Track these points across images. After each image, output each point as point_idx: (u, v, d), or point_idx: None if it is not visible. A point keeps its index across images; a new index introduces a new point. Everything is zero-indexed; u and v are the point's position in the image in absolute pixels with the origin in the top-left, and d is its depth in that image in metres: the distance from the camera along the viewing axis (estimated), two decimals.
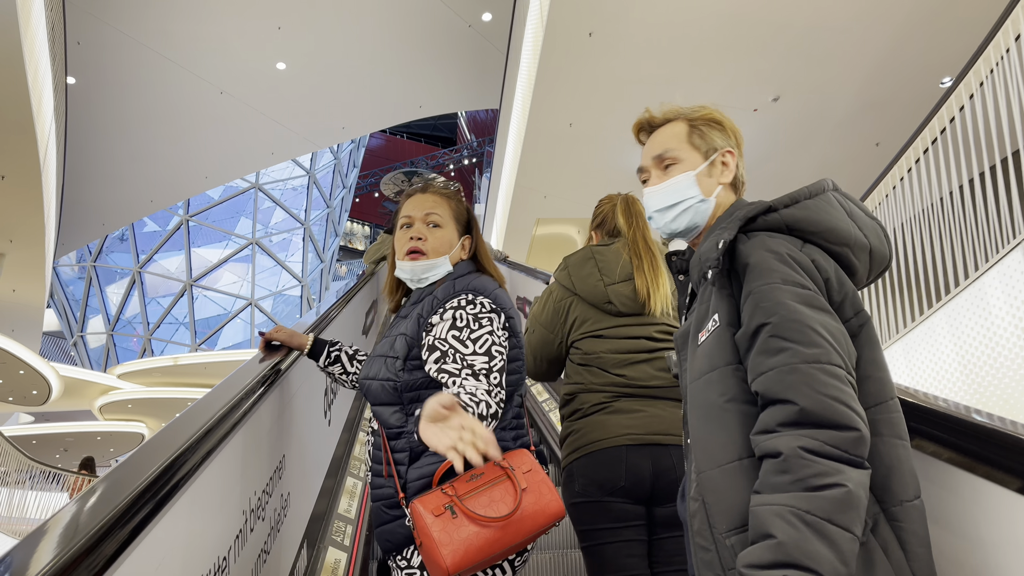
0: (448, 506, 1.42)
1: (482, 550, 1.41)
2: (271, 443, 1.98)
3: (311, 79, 16.63)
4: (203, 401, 1.50)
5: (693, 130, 1.42)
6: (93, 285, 26.56)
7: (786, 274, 1.15)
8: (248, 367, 1.87)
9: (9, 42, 8.27)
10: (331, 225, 30.00)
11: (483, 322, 1.59)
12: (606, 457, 1.88)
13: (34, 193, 11.03)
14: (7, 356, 11.89)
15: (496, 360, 1.54)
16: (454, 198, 1.86)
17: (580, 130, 10.78)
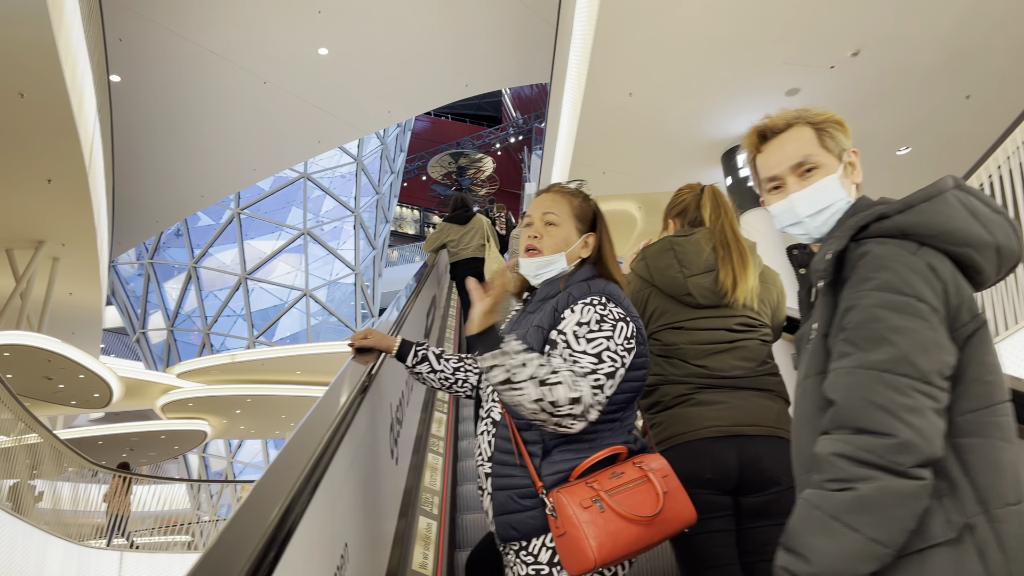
0: (595, 500, 1.48)
1: (628, 546, 1.47)
2: (370, 442, 2.10)
3: (354, 63, 16.21)
4: (314, 418, 1.57)
5: (822, 133, 1.42)
6: (151, 282, 26.85)
7: (883, 281, 1.18)
8: (349, 374, 1.94)
9: (42, 41, 7.97)
10: (381, 211, 29.74)
11: (605, 327, 1.61)
12: (691, 450, 1.89)
13: (82, 195, 10.85)
14: (67, 361, 11.84)
15: (604, 365, 1.57)
16: (577, 196, 1.87)
17: (641, 100, 10.09)
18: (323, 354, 15.98)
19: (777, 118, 1.46)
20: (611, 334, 1.60)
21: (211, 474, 27.19)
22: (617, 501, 1.49)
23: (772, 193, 1.44)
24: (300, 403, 16.74)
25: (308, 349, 16.09)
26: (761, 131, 1.46)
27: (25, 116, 9.20)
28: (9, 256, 12.03)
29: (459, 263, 6.85)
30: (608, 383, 1.56)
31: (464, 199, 7.43)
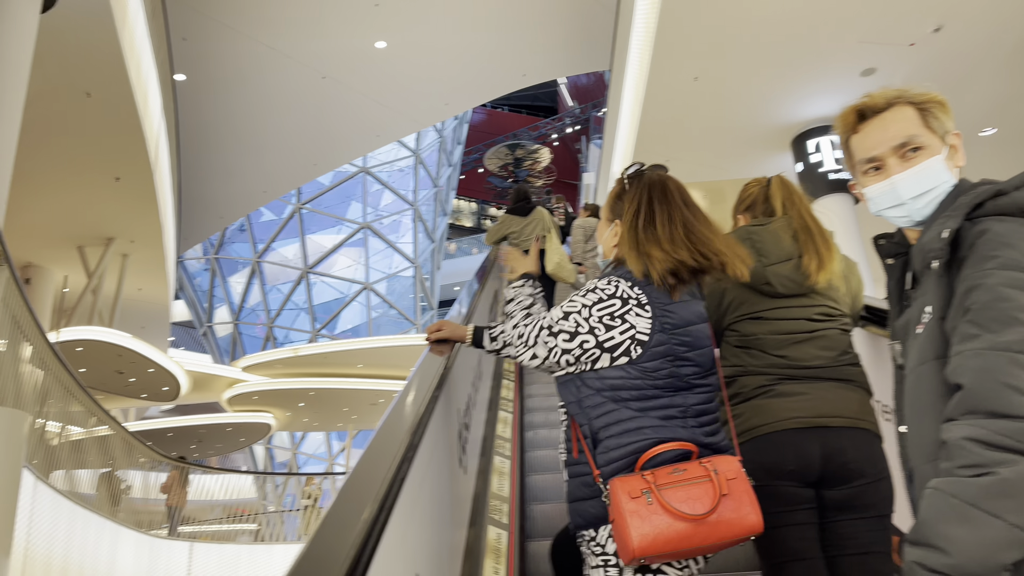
0: (645, 491, 1.49)
1: (671, 542, 1.46)
2: (445, 438, 2.08)
3: (411, 55, 16.16)
4: (395, 412, 1.58)
5: (925, 114, 1.37)
6: (217, 276, 27.47)
7: (1006, 259, 1.14)
8: (426, 367, 1.96)
9: (107, 41, 8.06)
10: (439, 204, 29.80)
11: (588, 296, 1.69)
12: (772, 441, 1.86)
13: (148, 192, 11.03)
14: (136, 356, 12.11)
15: (565, 323, 1.67)
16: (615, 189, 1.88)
17: (707, 84, 9.73)
18: (384, 347, 16.05)
19: (877, 96, 1.41)
20: (591, 304, 1.67)
21: (276, 465, 27.75)
22: (667, 496, 1.49)
23: (869, 175, 1.41)
24: (362, 396, 16.86)
25: (369, 343, 16.19)
26: (860, 110, 1.42)
27: (93, 115, 9.35)
28: (81, 253, 12.34)
29: None
30: (564, 336, 1.66)
31: (525, 191, 7.38)
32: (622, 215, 1.79)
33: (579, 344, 1.65)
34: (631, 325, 1.64)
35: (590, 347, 1.64)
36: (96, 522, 8.93)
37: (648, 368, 1.63)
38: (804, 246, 2.04)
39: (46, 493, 7.05)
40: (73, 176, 10.59)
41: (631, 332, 1.64)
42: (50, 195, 11.04)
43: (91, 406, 8.44)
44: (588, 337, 1.65)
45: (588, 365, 1.67)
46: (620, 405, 1.62)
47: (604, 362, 1.65)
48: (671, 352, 1.65)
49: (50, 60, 8.36)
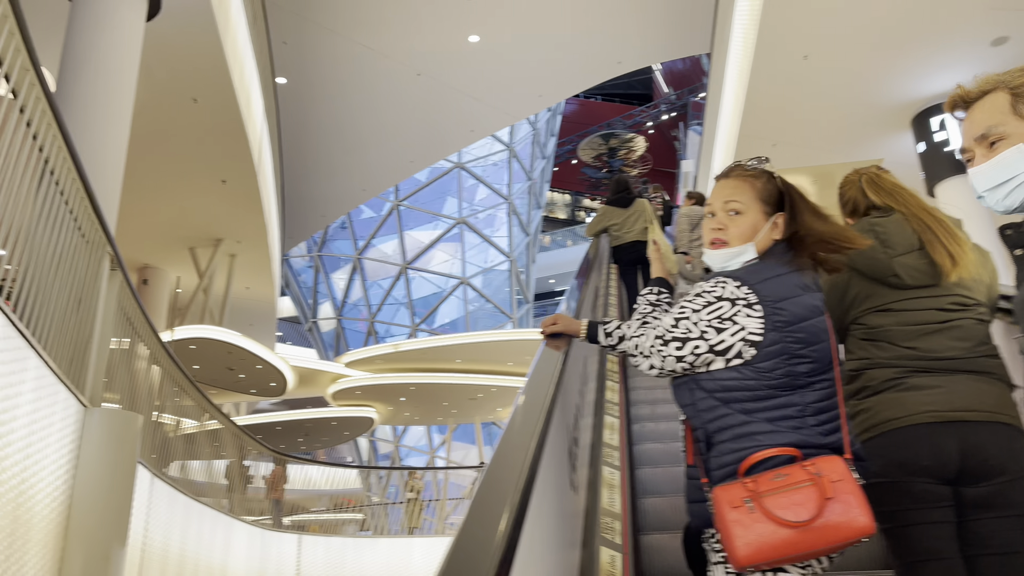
0: (747, 500, 1.47)
1: (777, 549, 1.44)
2: (561, 447, 2.05)
3: (504, 48, 16.05)
4: (525, 409, 1.57)
5: (1017, 99, 1.33)
6: (320, 273, 28.27)
7: None
8: (545, 363, 1.93)
9: (210, 48, 8.25)
10: (533, 197, 29.68)
11: (697, 300, 1.65)
12: (905, 436, 1.78)
13: (253, 194, 11.32)
14: (245, 353, 12.51)
15: (676, 330, 1.64)
16: (760, 177, 1.78)
17: (818, 62, 9.14)
18: (480, 343, 16.08)
19: (973, 85, 1.40)
20: (699, 308, 1.64)
21: (379, 456, 28.38)
22: (770, 503, 1.46)
23: (969, 165, 1.41)
24: (461, 391, 16.98)
25: (466, 338, 16.26)
26: (953, 102, 1.43)
27: (199, 120, 9.63)
28: (192, 254, 12.83)
29: (622, 247, 6.64)
30: (675, 344, 1.63)
31: (625, 181, 7.15)
32: (781, 207, 1.75)
33: (691, 350, 1.62)
34: (741, 326, 1.60)
35: (702, 352, 1.61)
36: (210, 515, 9.23)
37: (763, 368, 1.59)
38: (928, 245, 1.95)
39: (162, 488, 7.28)
40: (183, 180, 10.97)
41: (742, 333, 1.60)
42: (163, 199, 11.49)
43: (202, 402, 8.70)
44: (699, 342, 1.62)
45: (703, 368, 1.63)
46: (733, 409, 1.59)
47: (718, 364, 1.61)
48: (786, 351, 1.59)
49: (159, 68, 8.64)
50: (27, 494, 3.81)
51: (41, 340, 3.97)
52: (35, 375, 3.81)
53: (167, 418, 8.04)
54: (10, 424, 3.48)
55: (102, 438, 4.82)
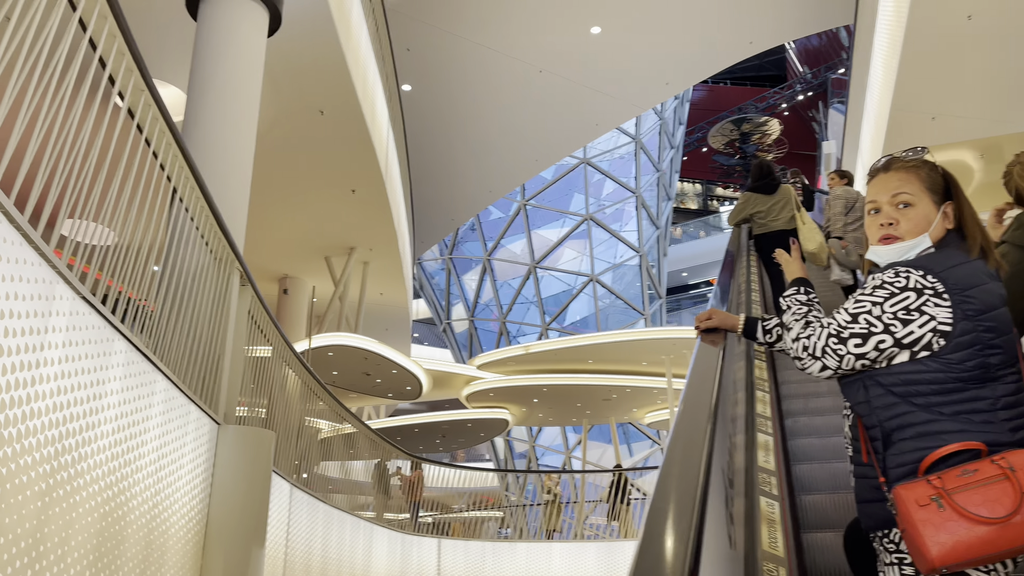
0: (934, 498, 1.41)
1: (973, 548, 1.37)
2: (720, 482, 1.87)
3: (627, 37, 15.53)
4: (687, 411, 1.58)
5: None
6: (452, 275, 28.68)
7: None
8: (705, 360, 1.90)
9: (333, 59, 8.30)
10: (662, 188, 28.78)
11: (878, 293, 1.59)
12: None
13: (382, 202, 11.43)
14: (380, 358, 12.70)
15: (855, 326, 1.58)
16: (923, 166, 1.72)
17: (984, 22, 8.12)
18: (612, 342, 15.65)
19: None
20: (881, 301, 1.57)
21: (515, 455, 28.45)
22: (961, 500, 1.39)
23: None
24: (594, 392, 16.61)
25: (597, 338, 15.87)
26: None
27: (327, 132, 9.77)
28: (328, 263, 13.15)
29: (767, 236, 6.24)
30: (855, 341, 1.57)
31: (769, 166, 6.66)
32: (949, 196, 1.70)
33: (874, 346, 1.56)
34: (930, 316, 1.53)
35: (887, 346, 1.55)
36: (350, 521, 9.34)
37: (952, 360, 1.51)
38: None
39: (301, 498, 7.37)
40: (315, 191, 11.22)
41: (931, 324, 1.53)
42: (298, 210, 11.81)
43: (338, 409, 8.80)
44: (884, 336, 1.55)
45: (884, 363, 1.57)
46: (915, 405, 1.52)
47: (903, 358, 1.55)
48: (978, 340, 1.52)
49: (286, 82, 8.80)
50: (161, 516, 3.81)
51: (171, 362, 3.98)
52: (163, 397, 3.79)
53: (305, 427, 8.16)
54: (139, 450, 3.46)
55: (236, 455, 4.83)
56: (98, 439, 3.03)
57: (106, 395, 3.11)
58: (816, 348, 1.62)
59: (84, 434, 2.92)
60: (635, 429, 26.08)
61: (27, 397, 2.47)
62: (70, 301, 2.75)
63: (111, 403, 3.15)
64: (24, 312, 2.42)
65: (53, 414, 2.66)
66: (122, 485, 3.30)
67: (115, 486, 3.22)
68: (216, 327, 4.95)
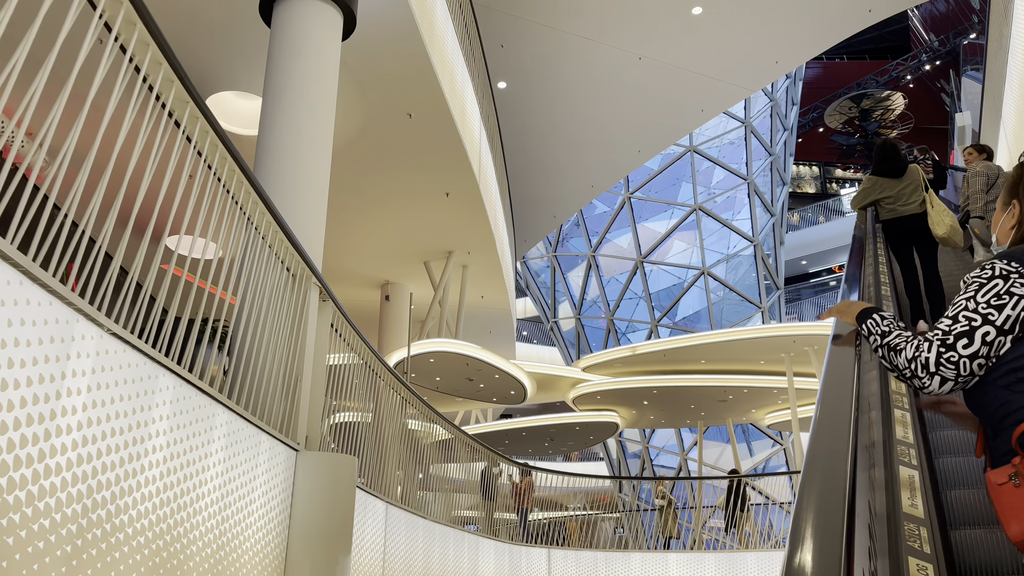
0: (1012, 475, 1.43)
1: None
2: None
3: (732, 15, 14.61)
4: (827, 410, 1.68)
5: None
6: (557, 273, 28.24)
7: None
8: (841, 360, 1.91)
9: (417, 60, 8.00)
10: (776, 173, 27.27)
11: (970, 288, 1.61)
12: None
13: (476, 203, 11.13)
14: (482, 364, 12.43)
15: (957, 325, 1.57)
16: None
17: None
18: (724, 341, 14.75)
19: None
20: (973, 294, 1.59)
21: (628, 455, 27.71)
22: None
23: None
24: (708, 392, 15.75)
25: (708, 337, 15.00)
26: None
27: (417, 135, 9.53)
28: (427, 268, 12.98)
29: (896, 221, 5.81)
30: (962, 342, 1.54)
31: (894, 146, 6.07)
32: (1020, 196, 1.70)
33: (981, 338, 1.53)
34: (1020, 296, 1.54)
35: (992, 337, 1.53)
36: (454, 535, 9.06)
37: None
38: None
39: (399, 516, 7.12)
40: (409, 196, 11.03)
41: (1023, 303, 1.52)
42: (393, 216, 11.68)
43: (435, 418, 8.54)
44: (986, 328, 1.54)
45: (995, 359, 1.54)
46: (1016, 392, 1.49)
47: (1007, 346, 1.53)
48: None
49: (371, 86, 8.59)
50: (229, 559, 3.55)
51: (239, 391, 3.72)
52: (225, 431, 3.52)
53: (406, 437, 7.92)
54: (195, 492, 3.19)
55: (316, 482, 4.56)
56: (140, 488, 2.76)
57: (149, 438, 2.84)
58: (930, 363, 1.58)
59: (121, 484, 2.65)
60: (755, 428, 24.82)
61: (40, 454, 2.19)
62: (95, 340, 2.47)
63: (156, 445, 2.89)
64: (33, 358, 2.14)
65: (77, 468, 2.38)
66: (176, 533, 3.04)
67: (166, 535, 2.95)
68: (294, 349, 4.71)
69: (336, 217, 11.80)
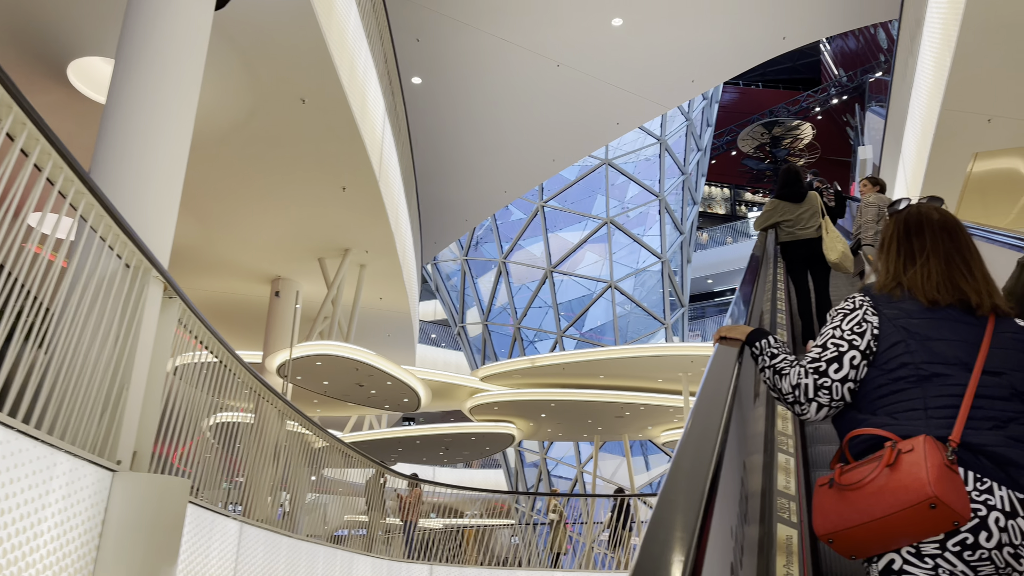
0: (831, 480, 1.56)
1: (842, 516, 1.49)
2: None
3: (652, 31, 14.52)
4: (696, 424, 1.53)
5: None
6: (468, 277, 27.77)
7: None
8: (720, 370, 1.91)
9: (312, 41, 7.42)
10: (688, 192, 27.60)
11: (835, 319, 1.75)
12: None
13: (376, 201, 10.55)
14: (373, 369, 11.81)
15: (826, 352, 1.68)
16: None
17: None
18: (624, 358, 14.60)
19: None
20: (839, 323, 1.72)
21: (526, 464, 27.46)
22: (843, 478, 1.52)
23: None
24: (606, 408, 15.56)
25: (608, 353, 14.84)
26: None
27: (311, 123, 8.94)
28: (322, 265, 12.30)
29: (793, 244, 6.08)
30: (832, 367, 1.66)
31: (797, 172, 6.34)
32: (882, 249, 1.88)
33: (848, 362, 1.66)
34: (870, 323, 1.69)
35: (858, 361, 1.66)
36: (323, 553, 8.47)
37: (883, 360, 1.64)
38: None
39: (255, 536, 6.50)
40: (303, 187, 10.38)
41: (871, 330, 1.68)
42: (286, 208, 11.00)
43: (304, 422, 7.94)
44: (852, 352, 1.67)
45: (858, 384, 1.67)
46: (866, 413, 1.62)
47: (864, 372, 1.67)
48: (901, 339, 1.65)
49: (261, 66, 7.96)
50: None
51: (25, 407, 3.10)
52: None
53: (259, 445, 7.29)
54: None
55: (137, 508, 3.94)
56: None
57: None
58: (809, 389, 1.68)
59: None
60: (653, 444, 24.97)
61: None
62: None
63: None
64: None
65: None
66: None
67: None
68: (121, 352, 4.08)
69: (223, 205, 11.01)
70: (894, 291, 1.73)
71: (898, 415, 1.56)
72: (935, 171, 9.89)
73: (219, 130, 8.98)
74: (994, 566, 1.41)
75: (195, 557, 5.26)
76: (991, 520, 1.40)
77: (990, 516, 1.40)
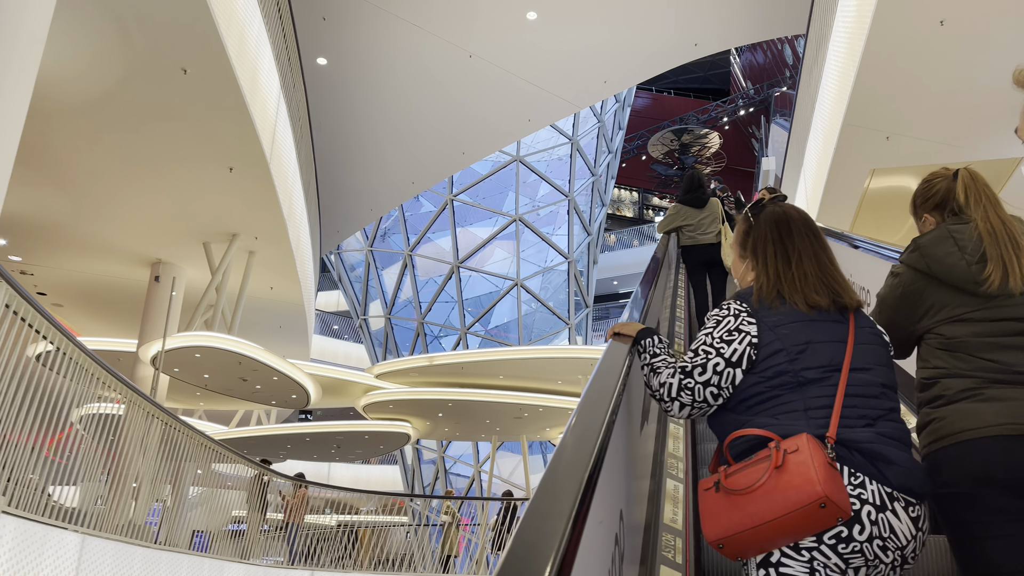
0: (716, 483, 1.56)
1: (732, 520, 1.48)
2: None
3: (566, 26, 14.31)
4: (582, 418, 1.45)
5: None
6: (372, 268, 26.98)
7: None
8: (609, 366, 1.85)
9: (193, 5, 6.76)
10: (597, 194, 27.66)
11: (708, 324, 1.76)
12: (979, 448, 1.69)
13: (266, 184, 9.89)
14: (257, 363, 11.11)
15: (697, 357, 1.70)
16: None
17: (957, 28, 7.15)
18: (525, 359, 14.36)
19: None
20: (711, 329, 1.73)
21: (424, 462, 26.99)
22: (730, 481, 1.52)
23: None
24: (504, 409, 15.28)
25: (506, 354, 14.58)
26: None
27: (194, 95, 8.24)
28: (206, 250, 11.51)
29: (694, 248, 6.37)
30: (698, 371, 1.67)
31: (700, 179, 6.62)
32: (755, 254, 1.84)
33: (712, 368, 1.67)
34: (745, 332, 1.68)
35: (722, 368, 1.67)
36: (186, 562, 7.81)
37: (764, 371, 1.64)
38: (989, 247, 1.84)
39: (100, 548, 5.85)
40: (185, 166, 9.63)
41: (748, 339, 1.68)
42: (167, 187, 10.20)
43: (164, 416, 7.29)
44: (717, 359, 1.68)
45: (729, 389, 1.68)
46: (746, 415, 1.63)
47: (739, 378, 1.67)
48: (782, 348, 1.65)
49: (136, 30, 7.24)
50: None
51: None
52: None
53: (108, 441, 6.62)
54: None
55: None
56: None
57: None
58: (673, 388, 1.70)
59: None
60: (553, 446, 24.92)
61: None
62: None
63: None
64: None
65: None
66: None
67: None
68: None
69: (96, 181, 10.10)
70: (774, 299, 1.73)
71: (779, 416, 1.59)
72: (834, 185, 10.02)
73: (89, 98, 8.17)
74: (864, 558, 1.46)
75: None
76: (864, 514, 1.45)
77: (863, 510, 1.46)
